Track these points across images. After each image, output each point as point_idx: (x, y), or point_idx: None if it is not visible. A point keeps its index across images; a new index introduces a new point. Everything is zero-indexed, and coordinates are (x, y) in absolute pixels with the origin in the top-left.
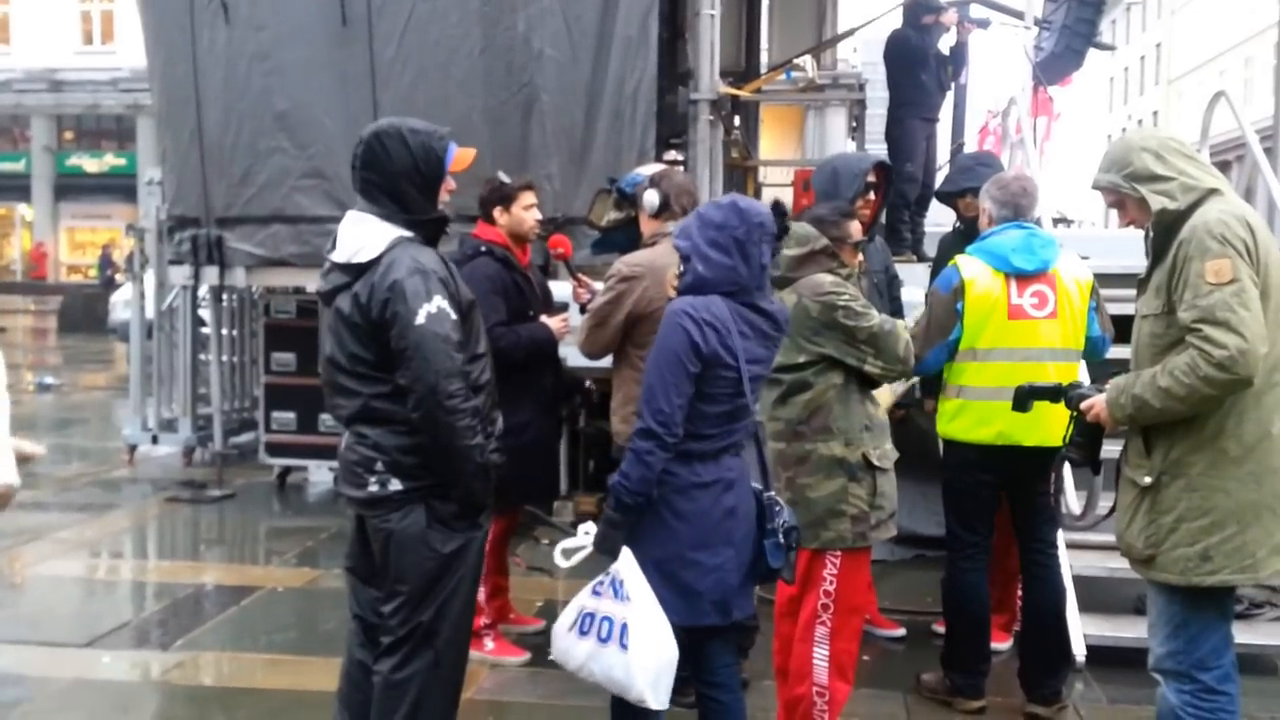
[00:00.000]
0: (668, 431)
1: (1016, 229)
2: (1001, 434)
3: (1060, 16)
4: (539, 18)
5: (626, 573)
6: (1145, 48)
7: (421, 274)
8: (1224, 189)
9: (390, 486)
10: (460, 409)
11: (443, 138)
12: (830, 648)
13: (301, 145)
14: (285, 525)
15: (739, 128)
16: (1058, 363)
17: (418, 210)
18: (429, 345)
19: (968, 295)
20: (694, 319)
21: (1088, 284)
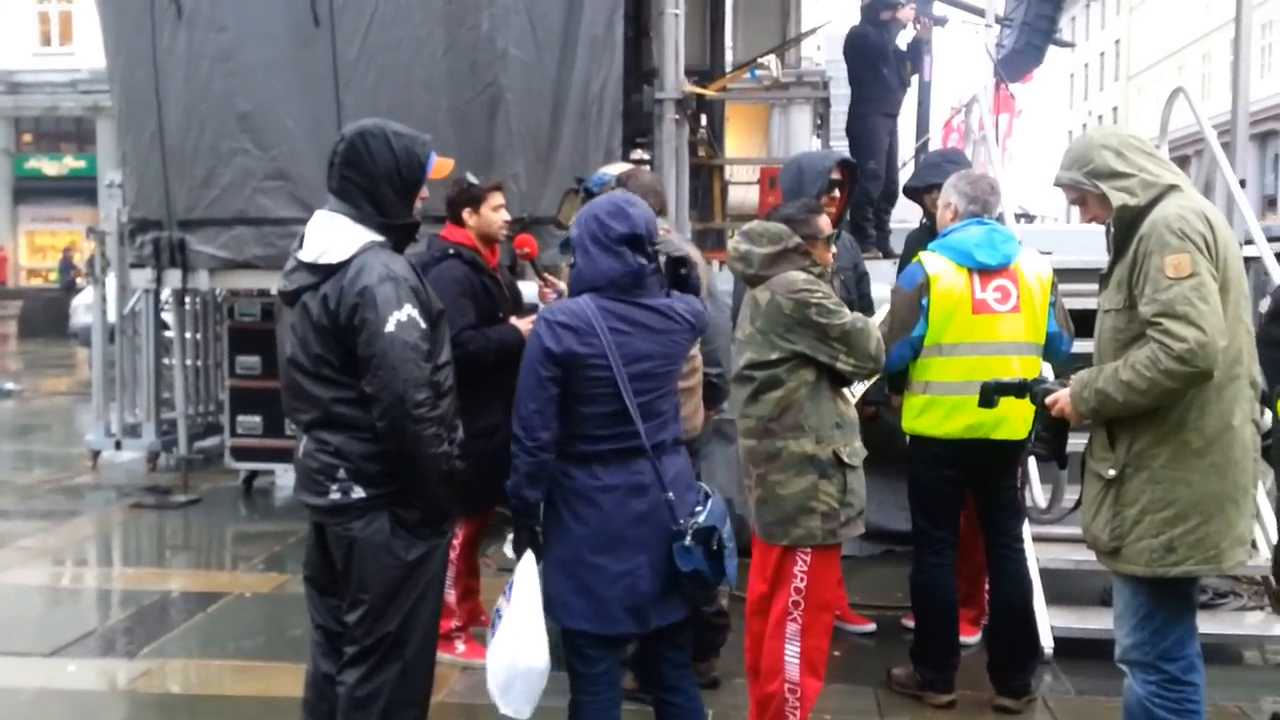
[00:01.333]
0: (527, 435)
1: (978, 225)
2: (970, 427)
3: (1021, 14)
4: (503, 17)
5: (520, 575)
6: (1105, 44)
7: (393, 281)
8: (1183, 185)
9: (353, 494)
10: (427, 418)
11: (425, 144)
12: (801, 644)
13: (264, 147)
14: (252, 530)
15: (705, 126)
16: (1022, 356)
17: (394, 214)
18: (397, 353)
19: (933, 291)
20: (548, 323)
21: (1048, 279)
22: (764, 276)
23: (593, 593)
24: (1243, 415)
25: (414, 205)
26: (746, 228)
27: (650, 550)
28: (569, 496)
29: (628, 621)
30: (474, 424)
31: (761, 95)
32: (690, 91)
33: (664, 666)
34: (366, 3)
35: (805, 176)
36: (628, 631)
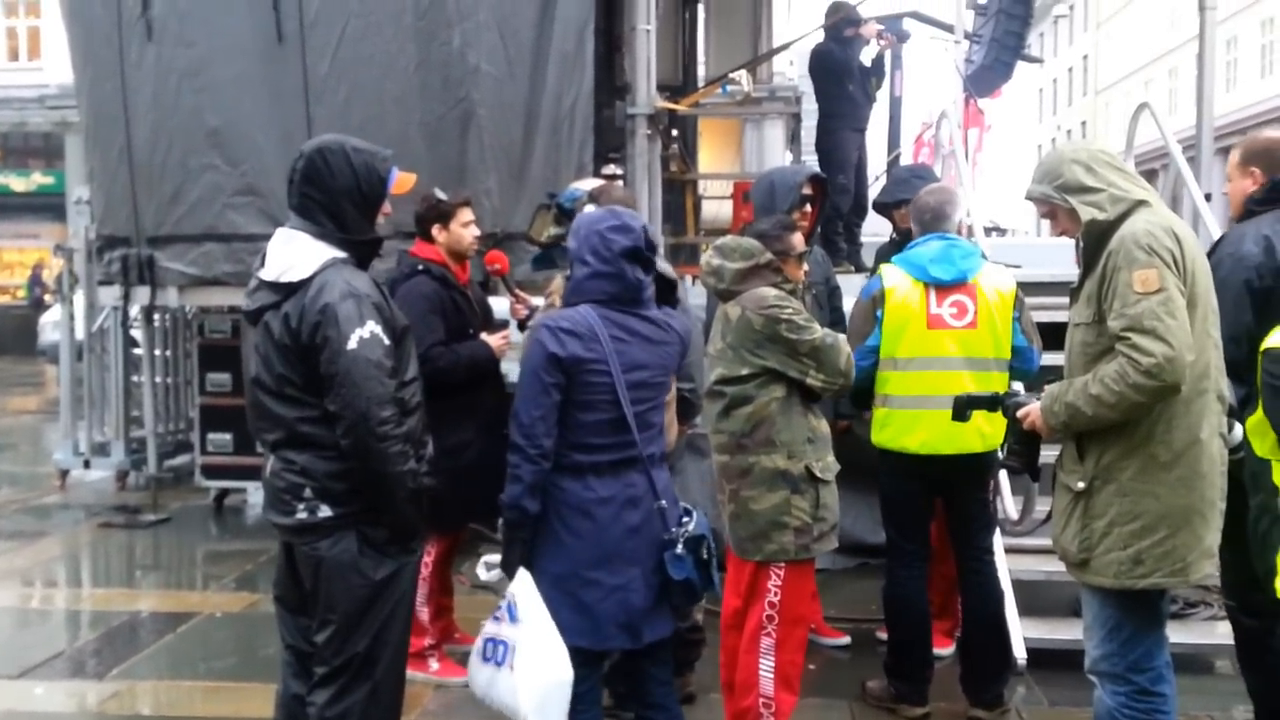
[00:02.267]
0: (530, 443)
1: (938, 240)
2: (924, 442)
3: (989, 30)
4: (475, 33)
5: (520, 594)
6: (1073, 60)
7: (355, 298)
8: (1152, 200)
9: (319, 513)
10: (391, 435)
11: (385, 159)
12: (775, 659)
13: (234, 162)
14: (222, 549)
15: (677, 141)
16: (974, 371)
17: (355, 230)
18: (360, 371)
19: (887, 303)
20: (550, 330)
21: (1010, 294)
22: (735, 292)
23: (587, 608)
24: (1210, 429)
25: (376, 221)
26: (720, 243)
27: (642, 563)
28: (562, 510)
29: (621, 636)
30: (445, 440)
31: (734, 110)
32: (662, 107)
33: (649, 684)
34: (337, 18)
35: (777, 191)
36: (620, 647)
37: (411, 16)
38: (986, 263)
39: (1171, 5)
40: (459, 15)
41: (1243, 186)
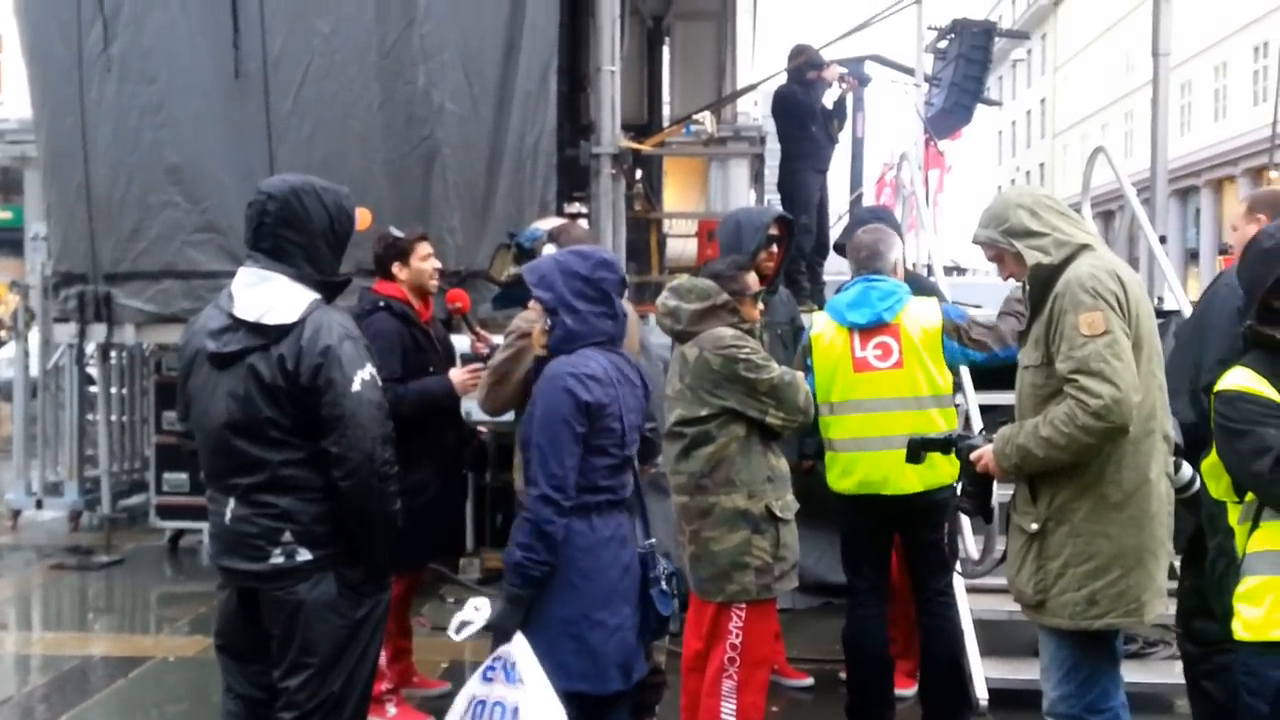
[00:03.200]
0: (564, 496)
1: (861, 283)
2: (861, 483)
3: (949, 74)
4: (439, 72)
5: (519, 654)
6: (1031, 103)
7: (352, 340)
8: (1096, 244)
9: (298, 557)
10: (391, 475)
11: (349, 196)
12: (738, 701)
13: (194, 199)
14: (177, 591)
15: (642, 180)
16: (908, 411)
17: (328, 270)
18: (366, 413)
19: (815, 350)
20: (575, 377)
21: (935, 329)
22: (693, 332)
23: (593, 651)
24: (1158, 469)
25: (342, 260)
26: (675, 284)
27: (631, 601)
28: (572, 553)
29: (619, 678)
30: (403, 480)
31: (698, 150)
32: (627, 147)
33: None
34: (301, 56)
35: (744, 231)
36: (618, 689)
37: (376, 55)
38: (911, 300)
39: (1127, 50)
40: (424, 54)
41: (1248, 232)
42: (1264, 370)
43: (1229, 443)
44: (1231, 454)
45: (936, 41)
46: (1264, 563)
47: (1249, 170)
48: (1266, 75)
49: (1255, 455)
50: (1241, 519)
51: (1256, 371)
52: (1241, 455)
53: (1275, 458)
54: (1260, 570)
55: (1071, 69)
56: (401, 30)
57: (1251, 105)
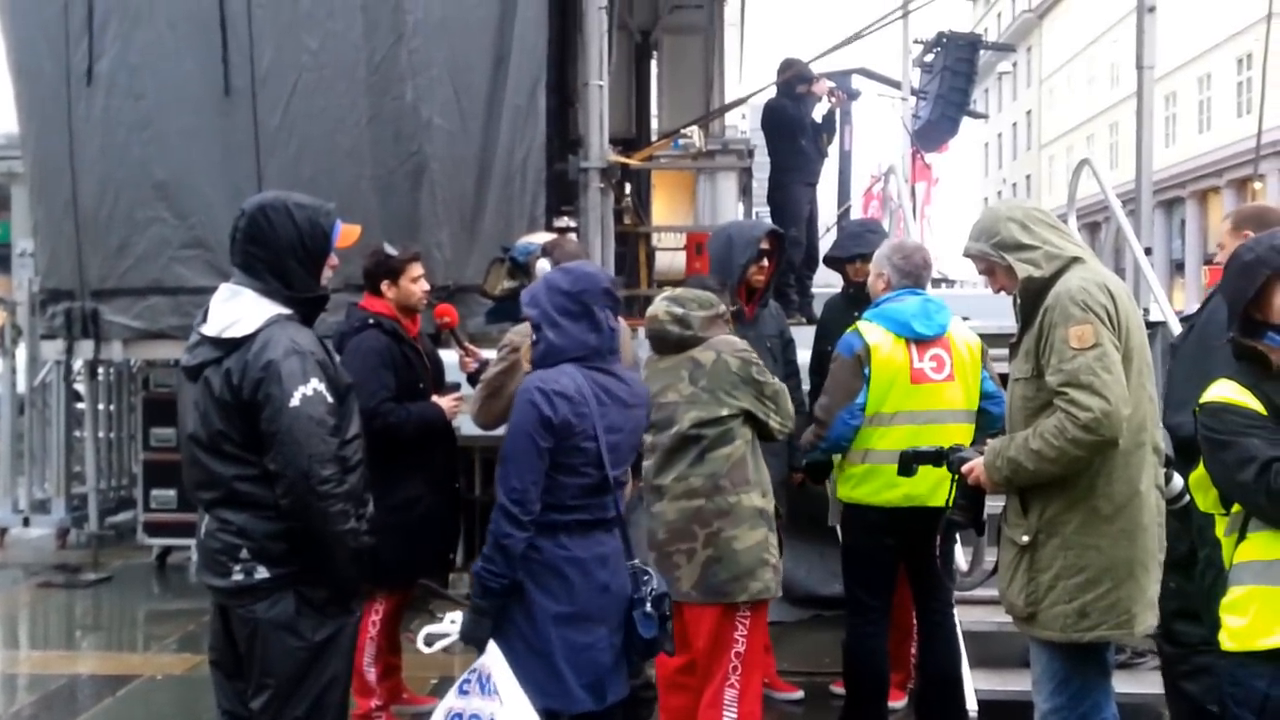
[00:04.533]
0: (522, 510)
1: (912, 295)
2: (908, 496)
3: (935, 87)
4: (427, 87)
5: (494, 666)
6: (1017, 115)
7: (299, 355)
8: (1086, 257)
9: (256, 575)
10: (333, 494)
11: (329, 213)
12: (739, 710)
13: (182, 215)
14: (165, 608)
15: (630, 194)
16: (959, 424)
17: (300, 287)
18: (302, 429)
19: (873, 360)
20: (543, 392)
21: (978, 347)
22: (702, 338)
23: (557, 669)
24: (1148, 481)
25: (321, 276)
26: (675, 294)
27: (608, 621)
28: (535, 570)
29: (588, 698)
30: (394, 496)
31: (687, 164)
32: (615, 161)
33: None
34: (289, 72)
35: (735, 245)
36: (587, 709)
37: (364, 70)
38: (953, 317)
39: (1112, 62)
40: (412, 70)
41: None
42: (1247, 382)
43: (1214, 454)
44: (1217, 465)
45: (923, 55)
46: (1248, 573)
47: (1233, 181)
48: (1250, 87)
49: (1240, 465)
50: (1228, 530)
51: (1240, 383)
52: (1227, 466)
53: (1260, 466)
54: (1245, 580)
55: (1057, 81)
56: (390, 46)
57: (1235, 117)
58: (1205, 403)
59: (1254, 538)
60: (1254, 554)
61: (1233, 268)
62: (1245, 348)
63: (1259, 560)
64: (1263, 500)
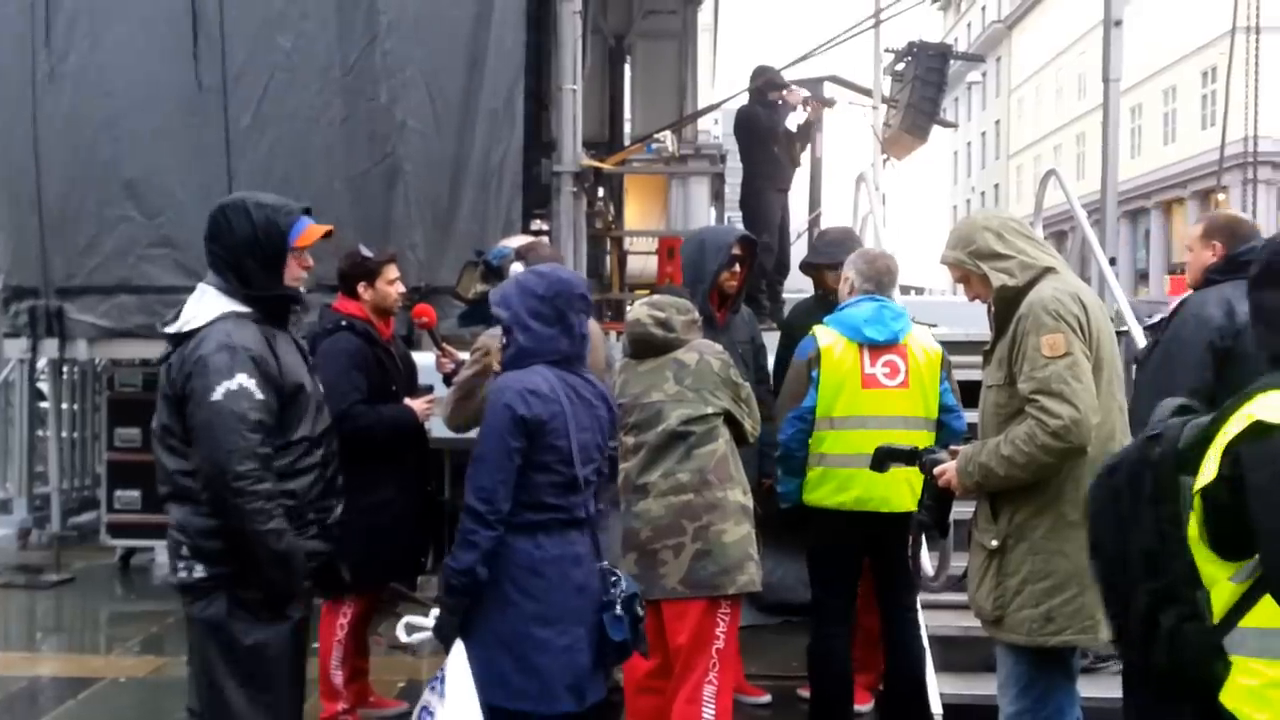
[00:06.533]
0: (490, 509)
1: (870, 301)
2: (859, 499)
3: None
4: (402, 89)
5: (451, 668)
6: (986, 125)
7: (229, 350)
8: (1059, 267)
9: (195, 573)
10: (249, 491)
11: (291, 212)
12: (716, 706)
13: (150, 214)
14: (128, 610)
15: (603, 198)
16: (910, 430)
17: (258, 285)
18: (220, 423)
19: (823, 363)
20: (515, 391)
21: (937, 355)
22: (683, 341)
23: (536, 670)
24: None
25: (283, 275)
26: (654, 299)
27: (585, 622)
28: (511, 569)
29: (569, 699)
30: (365, 499)
31: (659, 169)
32: (588, 165)
33: None
34: (263, 71)
35: (707, 250)
36: (569, 710)
37: (339, 71)
38: (915, 325)
39: (1079, 73)
40: (386, 71)
41: (1203, 258)
42: None
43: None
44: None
45: (894, 64)
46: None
47: (1197, 193)
48: (1215, 100)
49: None
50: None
51: None
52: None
53: None
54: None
55: (1025, 92)
56: (364, 47)
57: (1200, 129)
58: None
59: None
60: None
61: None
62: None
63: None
64: None
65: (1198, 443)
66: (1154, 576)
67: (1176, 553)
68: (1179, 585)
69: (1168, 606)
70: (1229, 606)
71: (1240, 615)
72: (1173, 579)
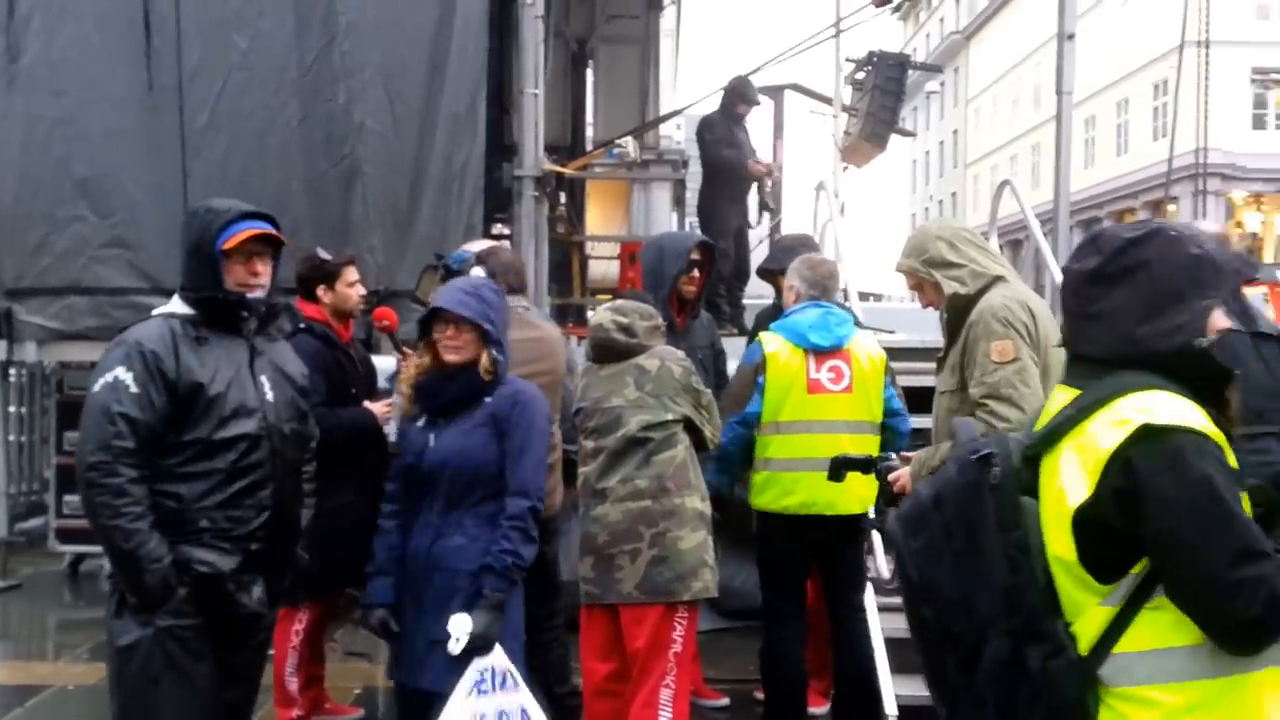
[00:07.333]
0: (542, 502)
1: (815, 307)
2: (804, 504)
3: (865, 105)
4: (360, 90)
5: (504, 661)
6: (944, 134)
7: (121, 345)
8: (1009, 276)
9: (107, 570)
10: (98, 483)
11: (224, 213)
12: (673, 710)
13: (103, 214)
14: (77, 617)
15: (565, 203)
16: (852, 434)
17: (194, 285)
18: (90, 415)
19: (769, 369)
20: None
21: (880, 361)
22: (646, 347)
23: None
24: None
25: (221, 278)
26: (618, 305)
27: None
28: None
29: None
30: (324, 502)
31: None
32: (550, 170)
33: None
34: (218, 70)
35: (666, 256)
36: None
37: (296, 71)
38: (858, 330)
39: (1035, 85)
40: (344, 72)
41: None
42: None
43: (1194, 519)
44: (1187, 530)
45: (854, 73)
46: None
47: (1148, 203)
48: (1166, 112)
49: (1235, 557)
50: (1114, 599)
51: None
52: (1208, 544)
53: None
54: (1169, 674)
55: (982, 102)
56: (322, 47)
57: (1152, 140)
58: (1157, 425)
59: (1157, 614)
60: (1172, 637)
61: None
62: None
63: (1182, 646)
64: (1271, 629)
65: (1026, 461)
66: (1012, 615)
67: (1029, 584)
68: (1038, 620)
69: (1032, 645)
70: (1100, 633)
71: (1114, 641)
72: (1031, 614)
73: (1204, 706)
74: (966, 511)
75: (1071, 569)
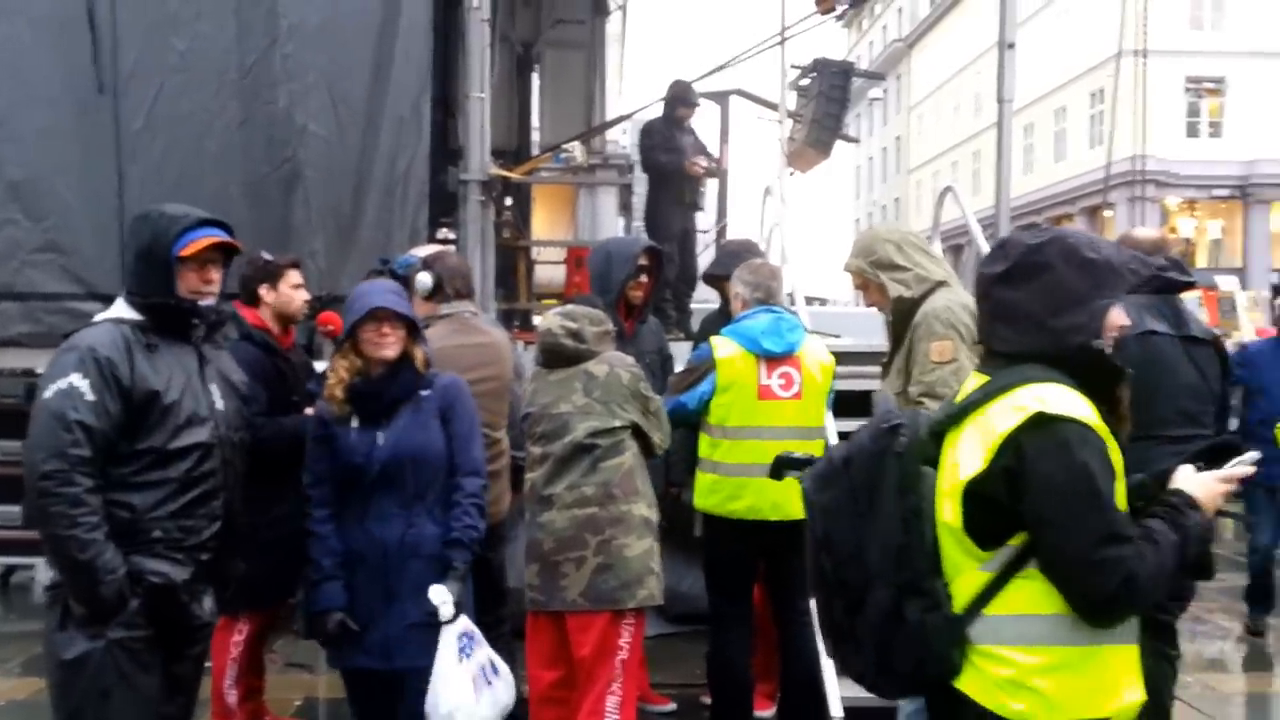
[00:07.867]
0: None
1: (767, 313)
2: (751, 507)
3: (810, 111)
4: (302, 93)
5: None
6: (887, 141)
7: (75, 350)
8: (951, 281)
9: (48, 580)
10: (53, 492)
11: (184, 223)
12: (620, 716)
13: (36, 217)
14: (8, 630)
15: (511, 207)
16: (801, 440)
17: (142, 291)
18: (39, 421)
19: (720, 374)
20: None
21: (829, 367)
22: (595, 352)
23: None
24: None
25: (174, 285)
26: (567, 310)
27: None
28: None
29: None
30: (265, 512)
31: (567, 178)
32: (496, 174)
33: None
34: (155, 73)
35: (614, 261)
36: None
37: (235, 74)
38: (808, 336)
39: (976, 92)
40: (286, 75)
41: None
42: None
43: (1066, 498)
44: (1063, 510)
45: (799, 79)
46: (1035, 629)
47: (1085, 209)
48: (1102, 120)
49: (1101, 538)
50: (993, 565)
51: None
52: (1082, 526)
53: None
54: (1031, 638)
55: (924, 109)
56: (263, 50)
57: (1089, 148)
58: (1049, 414)
59: (1027, 583)
60: (1037, 604)
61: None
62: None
63: (1046, 614)
64: (1124, 606)
65: (932, 435)
66: (899, 570)
67: (918, 545)
68: (921, 578)
69: (913, 599)
70: (975, 595)
71: (986, 603)
72: (915, 571)
73: (1058, 670)
74: (871, 474)
75: (956, 534)
